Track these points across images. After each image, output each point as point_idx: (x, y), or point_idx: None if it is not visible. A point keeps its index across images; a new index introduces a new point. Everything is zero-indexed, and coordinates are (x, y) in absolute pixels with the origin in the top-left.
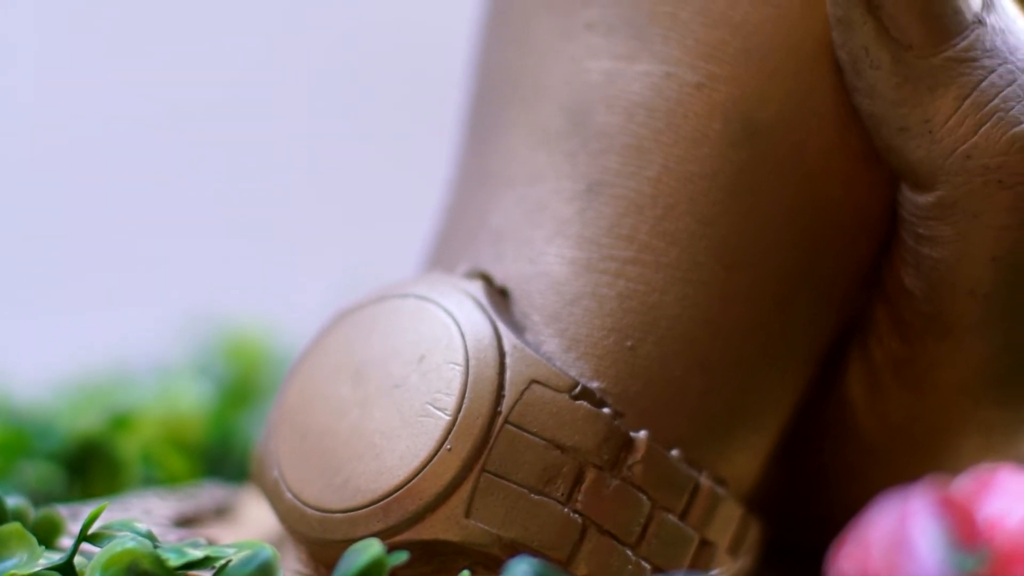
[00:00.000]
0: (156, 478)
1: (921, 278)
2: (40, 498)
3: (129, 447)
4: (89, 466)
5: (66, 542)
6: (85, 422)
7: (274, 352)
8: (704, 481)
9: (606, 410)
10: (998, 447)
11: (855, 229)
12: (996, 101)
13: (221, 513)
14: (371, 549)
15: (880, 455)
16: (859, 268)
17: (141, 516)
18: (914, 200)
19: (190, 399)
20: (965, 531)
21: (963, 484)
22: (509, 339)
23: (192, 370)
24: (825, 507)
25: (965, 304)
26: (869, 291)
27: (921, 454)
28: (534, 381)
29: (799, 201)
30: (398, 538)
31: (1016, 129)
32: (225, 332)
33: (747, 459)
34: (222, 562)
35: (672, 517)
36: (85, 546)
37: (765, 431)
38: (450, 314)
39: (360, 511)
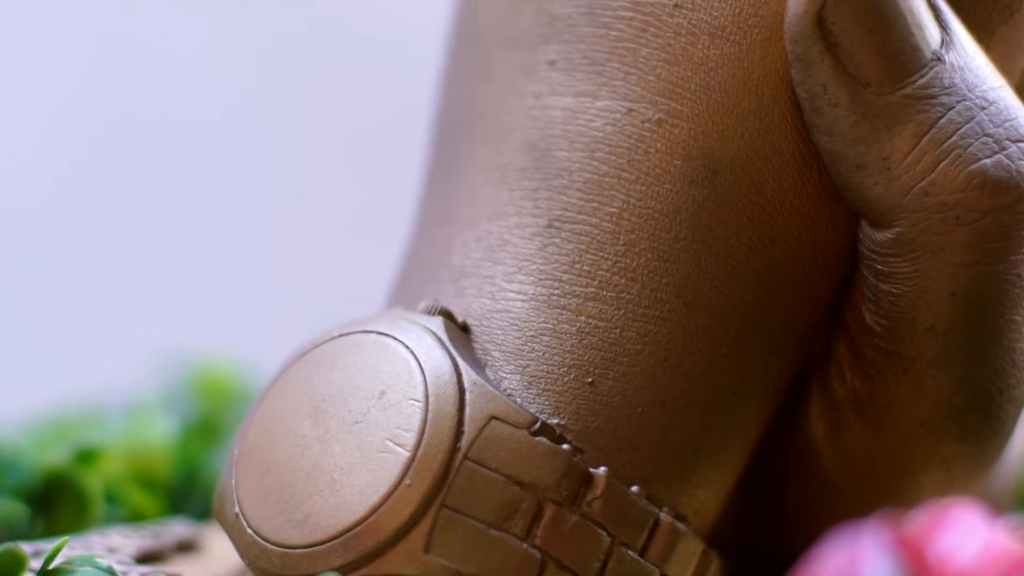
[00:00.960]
0: (121, 514)
1: (881, 314)
2: (3, 534)
3: (94, 482)
4: (54, 501)
5: None
6: (50, 457)
7: (243, 388)
8: (664, 517)
9: (565, 446)
10: (960, 483)
11: (816, 266)
12: (954, 138)
13: (185, 549)
14: None
15: (842, 491)
16: (820, 304)
17: (104, 552)
18: (873, 237)
19: (157, 435)
20: (916, 566)
21: (915, 519)
22: (469, 375)
23: (160, 406)
24: (787, 543)
25: (924, 340)
26: (830, 327)
27: (883, 490)
28: (493, 417)
29: (759, 238)
30: (358, 573)
31: (974, 166)
32: (195, 368)
33: (708, 495)
34: None
35: (632, 553)
36: None
37: (726, 467)
38: (410, 350)
39: (320, 547)
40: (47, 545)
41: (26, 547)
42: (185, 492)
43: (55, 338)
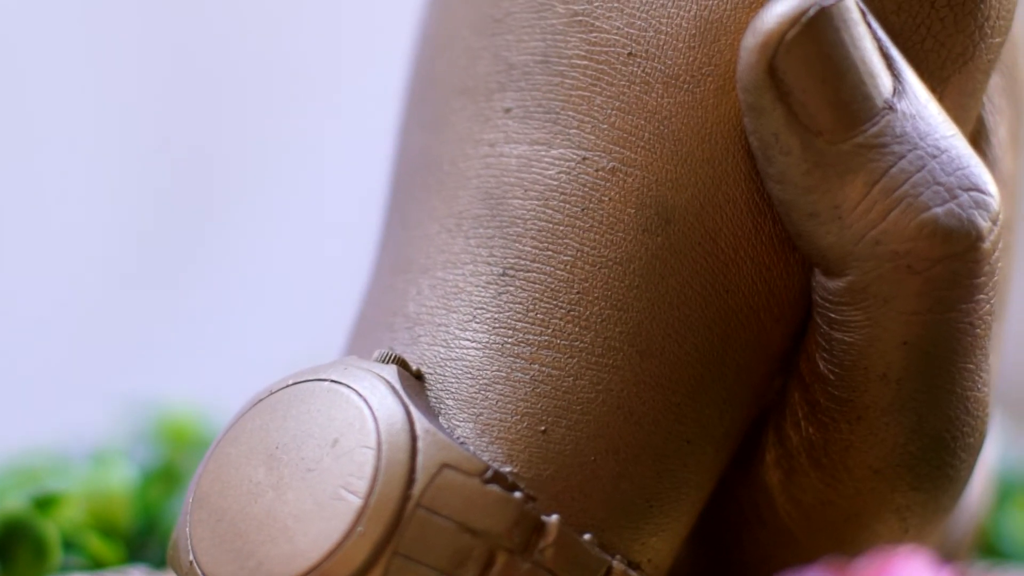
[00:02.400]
0: (80, 561)
1: (834, 362)
2: None
3: (53, 529)
4: (12, 548)
5: None
6: (9, 504)
7: (207, 435)
8: (617, 565)
9: (517, 494)
10: (915, 530)
11: (770, 314)
12: (905, 187)
13: None
14: None
15: (797, 539)
16: (774, 352)
17: None
18: (826, 285)
19: (118, 482)
20: None
21: (861, 565)
22: (421, 423)
23: (123, 453)
24: None
25: (877, 388)
26: (785, 375)
27: (838, 538)
28: (445, 465)
29: (713, 287)
30: None
31: (925, 215)
32: (159, 415)
33: (661, 543)
34: None
35: None
36: None
37: (680, 515)
38: (363, 398)
39: None
40: None
41: None
42: (145, 539)
43: (19, 386)
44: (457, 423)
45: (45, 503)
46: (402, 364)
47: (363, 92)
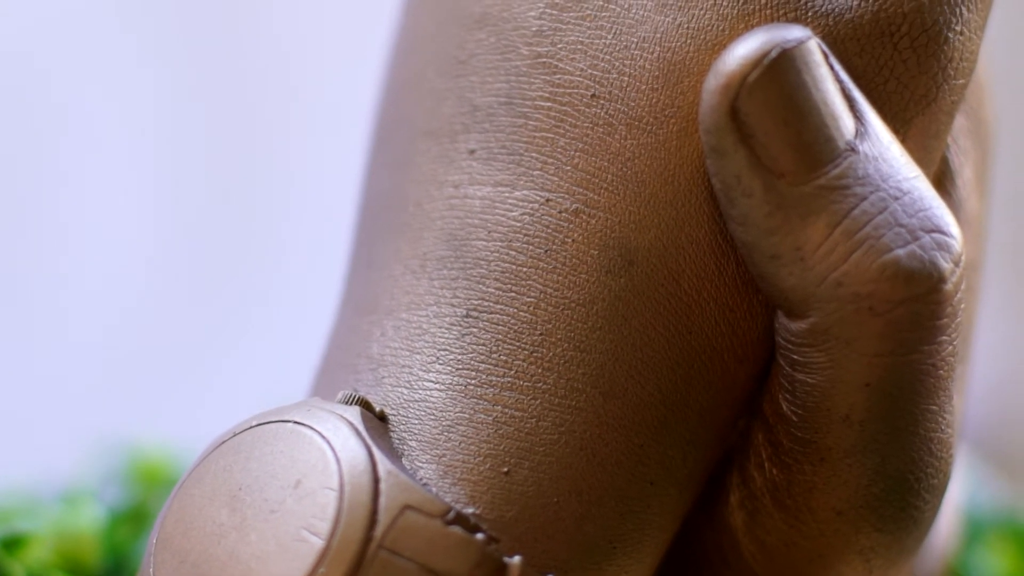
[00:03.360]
0: None
1: (797, 404)
2: None
3: (19, 570)
4: None
5: None
6: None
7: (177, 476)
8: None
9: (480, 536)
10: (879, 572)
11: (733, 355)
12: (867, 229)
13: None
14: None
15: None
16: (738, 394)
17: None
18: (788, 327)
19: (86, 522)
20: None
21: None
22: (384, 464)
23: (94, 493)
24: None
25: (840, 430)
26: (749, 416)
27: None
28: (408, 507)
29: (676, 328)
30: None
31: (887, 256)
32: (130, 455)
33: None
34: None
35: None
36: None
37: (643, 556)
38: (326, 440)
39: None
40: None
41: None
42: None
43: None
44: (420, 464)
45: (13, 543)
46: (366, 405)
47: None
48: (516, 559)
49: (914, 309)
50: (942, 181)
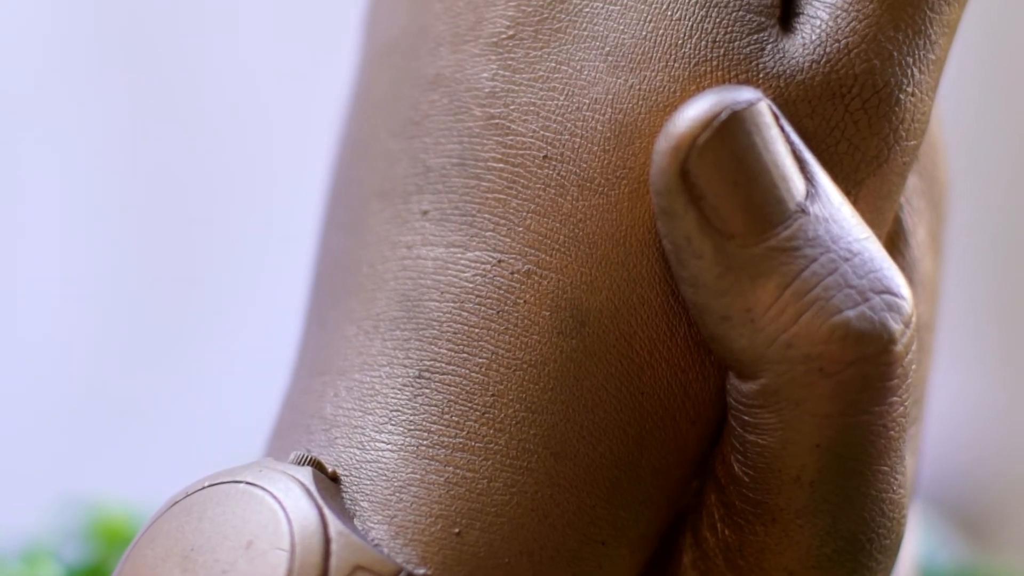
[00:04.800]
0: None
1: (748, 465)
2: None
3: None
4: None
5: None
6: None
7: (135, 534)
8: None
9: None
10: None
11: (686, 416)
12: (817, 290)
13: None
14: None
15: None
16: (690, 455)
17: None
18: (739, 388)
19: None
20: None
21: None
22: (335, 525)
23: (52, 551)
24: None
25: (791, 491)
26: (701, 477)
27: None
28: (359, 567)
29: (628, 389)
30: None
31: (837, 318)
32: (91, 514)
33: None
34: None
35: None
36: None
37: None
38: (278, 500)
39: None
40: None
41: None
42: None
43: None
44: (372, 525)
45: None
46: (318, 466)
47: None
48: None
49: (864, 370)
50: (895, 242)
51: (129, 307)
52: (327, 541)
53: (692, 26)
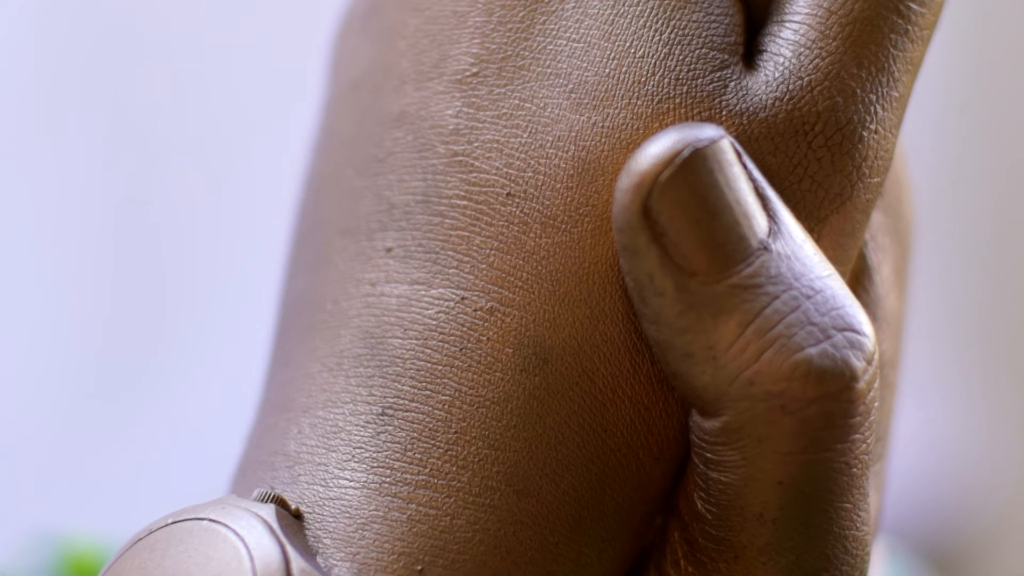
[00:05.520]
0: None
1: (711, 502)
2: None
3: None
4: None
5: None
6: None
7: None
8: None
9: None
10: None
11: (649, 453)
12: (779, 327)
13: None
14: None
15: None
16: (653, 492)
17: None
18: (702, 425)
19: None
20: None
21: None
22: (298, 563)
23: None
24: None
25: (754, 528)
26: (665, 514)
27: None
28: None
29: (591, 426)
30: None
31: (799, 355)
32: (61, 549)
33: None
34: None
35: None
36: None
37: None
38: (240, 537)
39: None
40: None
41: None
42: None
43: None
44: (335, 562)
45: None
46: (281, 503)
47: None
48: None
49: (826, 408)
50: (860, 278)
51: (99, 345)
52: None
53: (655, 63)
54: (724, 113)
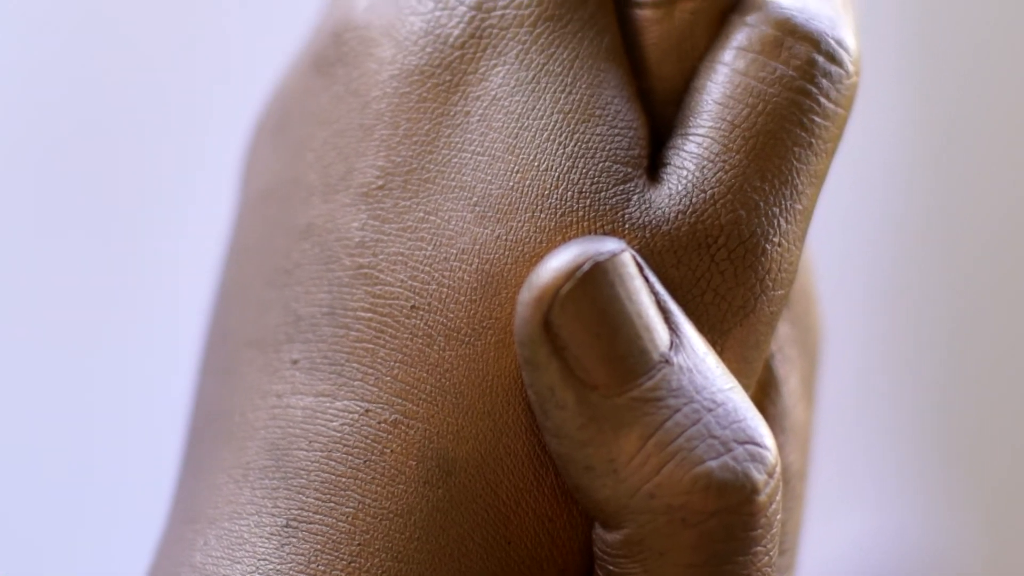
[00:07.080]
0: None
1: None
2: None
3: None
4: None
5: None
6: None
7: None
8: None
9: None
10: None
11: (553, 565)
12: (680, 440)
13: None
14: None
15: None
16: None
17: None
18: (604, 538)
19: None
20: None
21: None
22: None
23: None
24: None
25: None
26: None
27: None
28: None
29: (495, 539)
30: None
31: (699, 468)
32: None
33: None
34: None
35: None
36: None
37: None
38: None
39: None
40: None
41: None
42: None
43: None
44: None
45: None
46: None
47: None
48: None
49: (727, 520)
50: (767, 390)
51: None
52: None
53: (559, 176)
54: (627, 226)
